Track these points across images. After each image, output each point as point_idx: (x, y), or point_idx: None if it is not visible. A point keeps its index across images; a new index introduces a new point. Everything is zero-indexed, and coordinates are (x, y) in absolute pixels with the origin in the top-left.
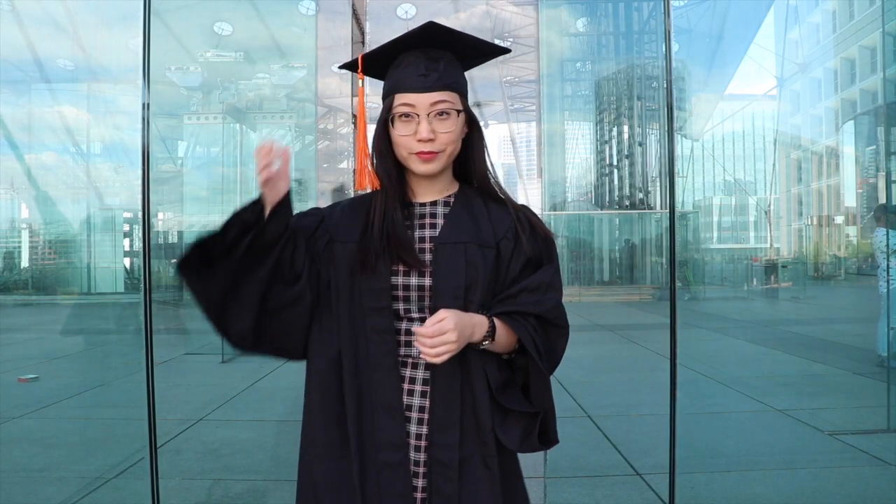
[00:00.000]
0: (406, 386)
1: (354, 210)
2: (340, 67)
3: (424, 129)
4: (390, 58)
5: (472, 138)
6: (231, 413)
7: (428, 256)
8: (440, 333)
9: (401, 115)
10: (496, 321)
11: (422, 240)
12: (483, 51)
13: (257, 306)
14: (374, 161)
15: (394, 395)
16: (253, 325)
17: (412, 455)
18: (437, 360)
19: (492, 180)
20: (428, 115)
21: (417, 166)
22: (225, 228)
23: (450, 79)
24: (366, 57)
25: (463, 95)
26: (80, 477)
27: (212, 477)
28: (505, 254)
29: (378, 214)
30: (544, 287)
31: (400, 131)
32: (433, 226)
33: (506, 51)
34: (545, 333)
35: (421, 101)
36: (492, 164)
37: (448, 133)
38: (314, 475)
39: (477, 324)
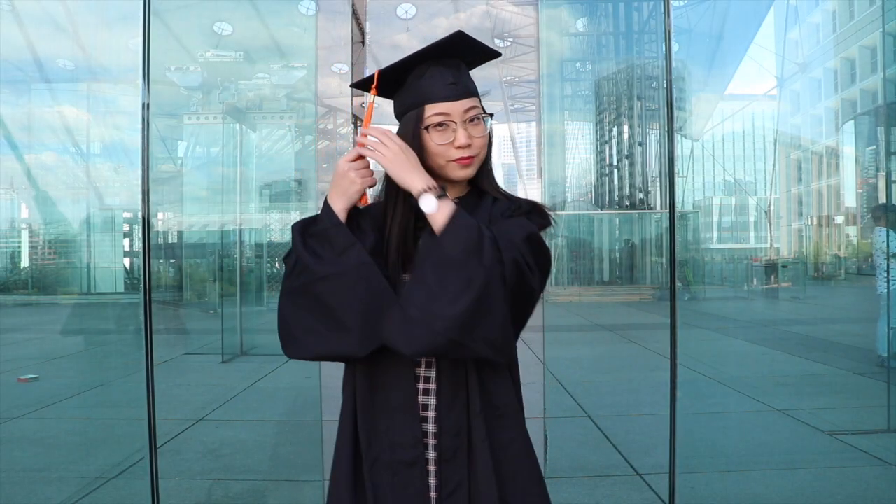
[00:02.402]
0: (422, 385)
1: (365, 222)
2: (353, 86)
3: (462, 135)
4: (406, 71)
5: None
6: (231, 413)
7: None
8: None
9: (435, 125)
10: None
11: None
12: (487, 56)
13: None
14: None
15: (408, 393)
16: None
17: (426, 454)
18: (363, 143)
19: (494, 177)
20: (463, 122)
21: (456, 172)
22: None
23: (472, 85)
24: (384, 73)
25: (480, 100)
26: (80, 477)
27: (212, 477)
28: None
29: (398, 227)
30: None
31: (437, 140)
32: None
33: (498, 54)
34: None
35: (455, 108)
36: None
37: (482, 137)
38: (335, 473)
39: (424, 172)
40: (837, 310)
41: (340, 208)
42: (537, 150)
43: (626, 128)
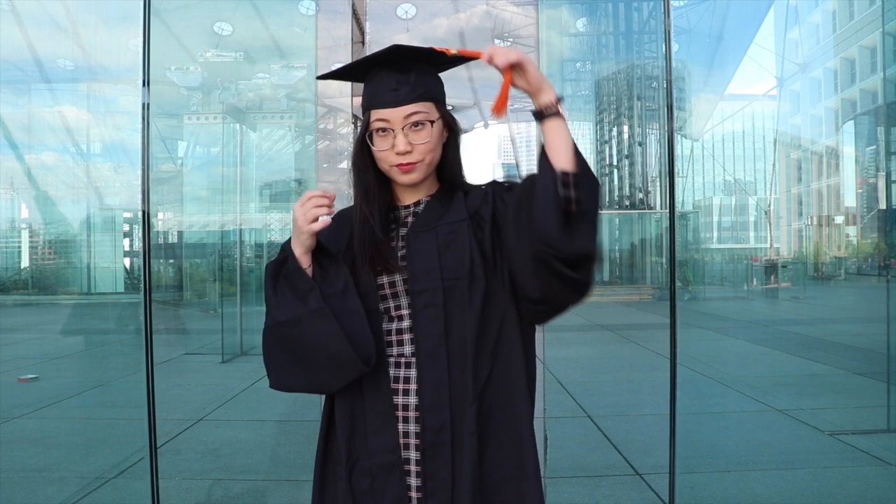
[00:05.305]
0: (402, 386)
1: (340, 226)
2: (319, 78)
3: (401, 142)
4: (366, 69)
5: (449, 143)
6: (231, 413)
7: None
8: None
9: (377, 130)
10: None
11: (403, 237)
12: (453, 59)
13: None
14: (353, 176)
15: (384, 397)
16: None
17: (406, 454)
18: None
19: (463, 178)
20: (403, 128)
21: (399, 177)
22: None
23: (421, 89)
24: (340, 70)
25: (438, 102)
26: (80, 477)
27: (212, 477)
28: (485, 212)
29: (358, 225)
30: None
31: (378, 146)
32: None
33: (475, 57)
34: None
35: (394, 115)
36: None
37: (425, 143)
38: (315, 483)
39: (547, 82)
40: (837, 310)
41: (299, 253)
42: (537, 150)
43: (626, 128)
